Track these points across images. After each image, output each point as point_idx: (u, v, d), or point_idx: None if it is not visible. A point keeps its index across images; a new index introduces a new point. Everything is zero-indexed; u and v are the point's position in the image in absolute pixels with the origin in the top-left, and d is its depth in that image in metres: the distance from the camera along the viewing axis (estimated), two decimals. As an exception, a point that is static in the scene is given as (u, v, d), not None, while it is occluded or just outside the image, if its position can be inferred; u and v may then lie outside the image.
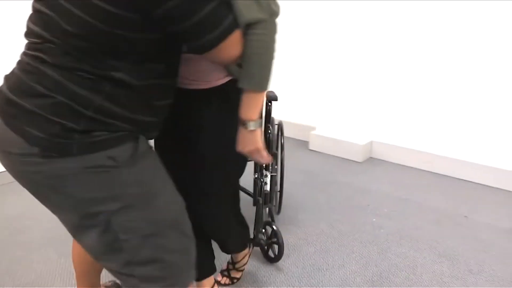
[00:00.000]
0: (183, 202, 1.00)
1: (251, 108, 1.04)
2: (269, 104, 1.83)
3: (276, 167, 2.03)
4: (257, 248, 1.81)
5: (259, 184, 1.74)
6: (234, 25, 0.87)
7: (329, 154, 3.17)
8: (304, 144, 3.38)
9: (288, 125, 2.55)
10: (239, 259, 1.63)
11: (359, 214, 2.24)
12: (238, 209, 1.51)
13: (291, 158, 2.80)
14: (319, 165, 2.98)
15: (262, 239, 1.77)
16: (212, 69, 1.16)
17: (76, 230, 0.90)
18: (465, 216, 2.21)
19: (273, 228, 1.74)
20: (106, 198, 0.84)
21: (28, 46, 0.86)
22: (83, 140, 0.80)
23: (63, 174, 0.81)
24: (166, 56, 0.90)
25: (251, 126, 1.04)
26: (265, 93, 1.05)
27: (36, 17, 0.84)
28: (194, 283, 1.48)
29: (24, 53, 0.87)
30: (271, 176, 1.84)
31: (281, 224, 2.10)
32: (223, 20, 0.84)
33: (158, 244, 0.91)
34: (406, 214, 2.23)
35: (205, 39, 0.84)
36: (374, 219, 2.17)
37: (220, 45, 0.86)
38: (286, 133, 2.16)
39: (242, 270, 1.67)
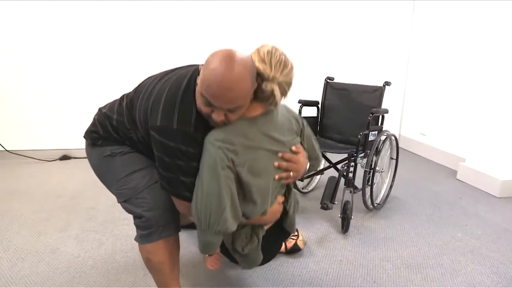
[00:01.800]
0: (153, 178, 1.45)
1: None
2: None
3: (378, 168, 2.59)
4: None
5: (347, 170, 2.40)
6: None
7: (474, 186, 3.31)
8: (453, 173, 3.60)
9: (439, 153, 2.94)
10: None
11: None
12: None
13: (435, 185, 3.11)
14: (457, 192, 3.19)
15: (328, 204, 2.32)
16: None
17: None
18: None
19: (347, 206, 2.34)
20: (108, 173, 1.54)
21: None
22: (102, 140, 1.55)
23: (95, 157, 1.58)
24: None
25: None
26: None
27: None
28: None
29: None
30: (364, 171, 2.44)
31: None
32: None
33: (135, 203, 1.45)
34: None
35: None
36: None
37: None
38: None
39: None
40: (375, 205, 2.72)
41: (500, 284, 1.92)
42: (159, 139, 1.27)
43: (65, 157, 3.66)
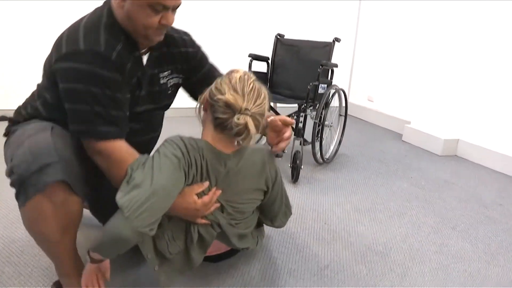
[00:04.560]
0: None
1: None
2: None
3: (327, 122, 2.58)
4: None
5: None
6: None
7: (418, 146, 3.42)
8: (399, 136, 3.70)
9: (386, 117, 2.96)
10: None
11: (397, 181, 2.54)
12: None
13: (381, 145, 3.16)
14: (402, 151, 3.27)
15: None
16: None
17: None
18: None
19: (297, 156, 2.31)
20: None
21: None
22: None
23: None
24: None
25: None
26: None
27: None
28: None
29: None
30: (314, 123, 2.42)
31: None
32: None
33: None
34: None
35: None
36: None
37: None
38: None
39: None
40: (325, 159, 2.71)
41: (441, 224, 1.98)
42: (67, 67, 1.06)
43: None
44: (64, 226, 1.09)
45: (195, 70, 1.39)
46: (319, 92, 2.47)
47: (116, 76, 1.10)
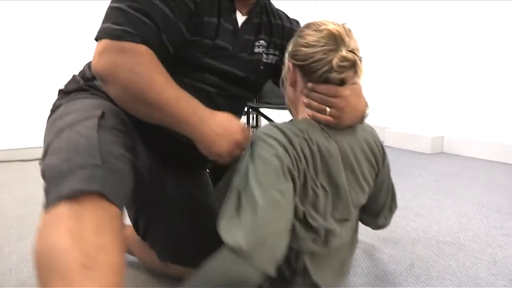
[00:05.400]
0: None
1: None
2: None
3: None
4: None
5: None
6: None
7: (405, 149, 3.37)
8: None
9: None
10: None
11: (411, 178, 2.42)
12: None
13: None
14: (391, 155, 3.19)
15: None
16: None
17: None
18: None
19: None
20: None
21: None
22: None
23: None
24: None
25: None
26: None
27: None
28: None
29: None
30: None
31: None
32: None
33: None
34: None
35: None
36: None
37: None
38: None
39: None
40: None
41: (486, 209, 1.87)
42: None
43: None
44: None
45: None
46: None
47: None
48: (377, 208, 1.06)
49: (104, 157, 0.72)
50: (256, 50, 1.05)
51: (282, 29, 1.12)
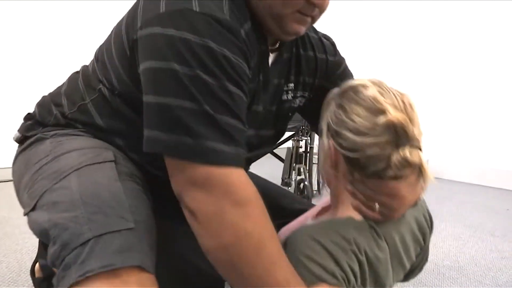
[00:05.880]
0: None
1: None
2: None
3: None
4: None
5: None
6: None
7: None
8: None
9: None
10: None
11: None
12: None
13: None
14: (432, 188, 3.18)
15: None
16: None
17: None
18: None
19: (301, 185, 2.04)
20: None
21: None
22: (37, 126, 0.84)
23: None
24: None
25: None
26: None
27: None
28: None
29: None
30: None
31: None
32: None
33: None
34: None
35: None
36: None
37: None
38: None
39: None
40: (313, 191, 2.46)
41: (479, 232, 1.84)
42: (162, 34, 0.58)
43: None
44: None
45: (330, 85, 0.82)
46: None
47: (243, 63, 0.63)
48: (411, 269, 0.90)
49: (135, 216, 0.60)
50: (284, 97, 0.84)
51: (315, 63, 0.88)
